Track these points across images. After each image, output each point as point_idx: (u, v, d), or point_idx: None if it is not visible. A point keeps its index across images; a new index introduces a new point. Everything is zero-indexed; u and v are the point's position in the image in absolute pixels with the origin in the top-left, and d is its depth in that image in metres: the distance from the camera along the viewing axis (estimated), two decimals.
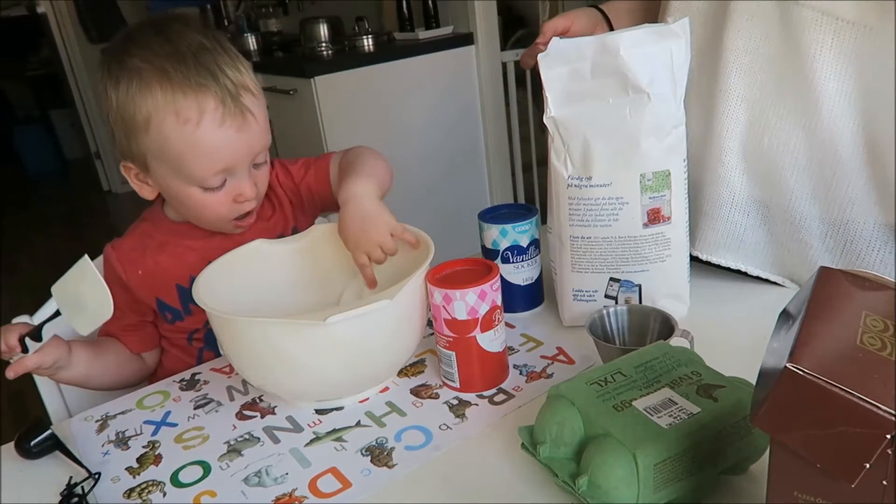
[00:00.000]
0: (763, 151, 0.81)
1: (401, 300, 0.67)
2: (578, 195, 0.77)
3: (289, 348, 0.67)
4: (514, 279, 0.86)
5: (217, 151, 0.79)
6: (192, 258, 0.88)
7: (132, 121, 0.78)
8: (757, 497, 0.54)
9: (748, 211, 0.85)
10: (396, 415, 0.71)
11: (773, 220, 0.85)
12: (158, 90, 0.76)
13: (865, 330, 0.42)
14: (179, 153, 0.78)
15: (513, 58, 2.66)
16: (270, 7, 3.52)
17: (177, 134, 0.77)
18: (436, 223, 1.32)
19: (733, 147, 0.82)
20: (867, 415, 0.36)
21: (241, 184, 0.83)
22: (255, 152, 0.83)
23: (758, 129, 0.80)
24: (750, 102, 0.80)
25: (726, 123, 0.82)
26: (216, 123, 0.77)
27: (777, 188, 0.82)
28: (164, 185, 0.84)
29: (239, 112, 0.78)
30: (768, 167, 0.82)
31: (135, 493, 0.65)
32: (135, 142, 0.80)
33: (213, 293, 0.73)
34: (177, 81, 0.76)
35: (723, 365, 0.59)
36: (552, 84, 0.75)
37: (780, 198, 0.82)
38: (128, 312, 0.91)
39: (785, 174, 0.81)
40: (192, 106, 0.76)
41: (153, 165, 0.82)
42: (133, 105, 0.77)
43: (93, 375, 0.87)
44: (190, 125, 0.76)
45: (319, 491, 0.62)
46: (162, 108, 0.76)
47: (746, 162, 0.83)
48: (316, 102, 2.30)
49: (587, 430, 0.54)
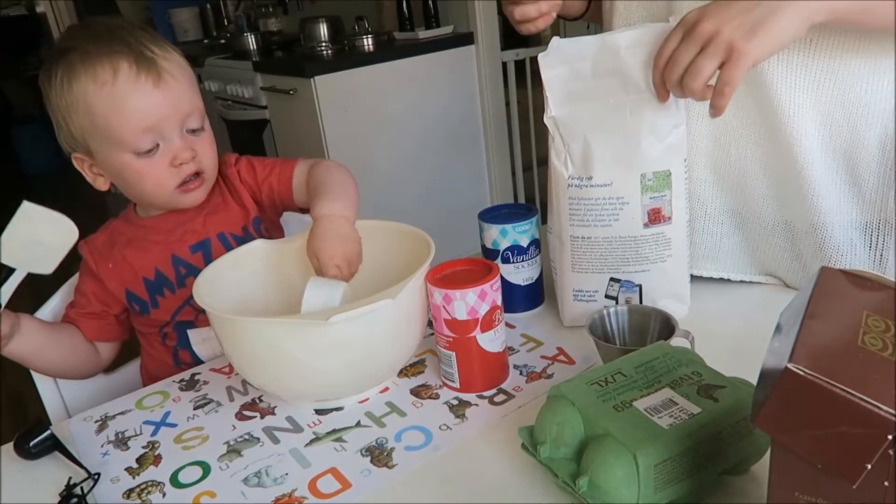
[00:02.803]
0: (731, 163, 0.83)
1: (402, 300, 0.67)
2: (579, 195, 0.77)
3: (290, 348, 0.67)
4: (514, 279, 0.86)
5: (137, 109, 0.82)
6: (156, 251, 0.92)
7: (66, 104, 0.83)
8: (758, 497, 0.54)
9: (722, 220, 0.87)
10: (396, 415, 0.71)
11: (746, 226, 0.87)
12: (80, 66, 0.81)
13: (867, 330, 0.42)
14: (105, 118, 0.82)
15: (513, 58, 2.66)
16: (270, 7, 3.52)
17: (98, 99, 0.81)
18: (436, 223, 1.32)
19: (700, 162, 0.84)
20: (868, 415, 0.36)
21: (173, 146, 0.85)
22: (184, 112, 0.85)
23: (723, 141, 0.82)
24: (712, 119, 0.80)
25: (690, 140, 0.81)
26: (131, 81, 0.81)
27: (747, 197, 0.84)
28: (109, 166, 0.86)
29: (154, 70, 0.82)
30: (736, 178, 0.84)
31: (134, 493, 0.64)
32: (73, 125, 0.84)
33: (213, 293, 0.73)
34: (94, 54, 0.81)
35: (723, 365, 0.59)
36: (552, 84, 0.75)
37: (751, 205, 0.85)
38: (93, 300, 0.93)
39: (754, 183, 0.83)
40: (107, 68, 0.81)
41: (93, 146, 0.85)
42: (63, 87, 0.82)
43: (43, 353, 0.88)
44: (107, 86, 0.81)
45: (319, 491, 0.62)
46: (83, 80, 0.81)
47: (715, 174, 0.85)
48: (316, 102, 2.30)
49: (587, 431, 0.54)
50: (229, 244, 0.92)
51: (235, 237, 0.93)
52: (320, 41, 2.64)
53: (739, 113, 0.80)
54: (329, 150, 2.35)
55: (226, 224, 0.94)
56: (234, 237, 0.93)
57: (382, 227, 0.85)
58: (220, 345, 0.74)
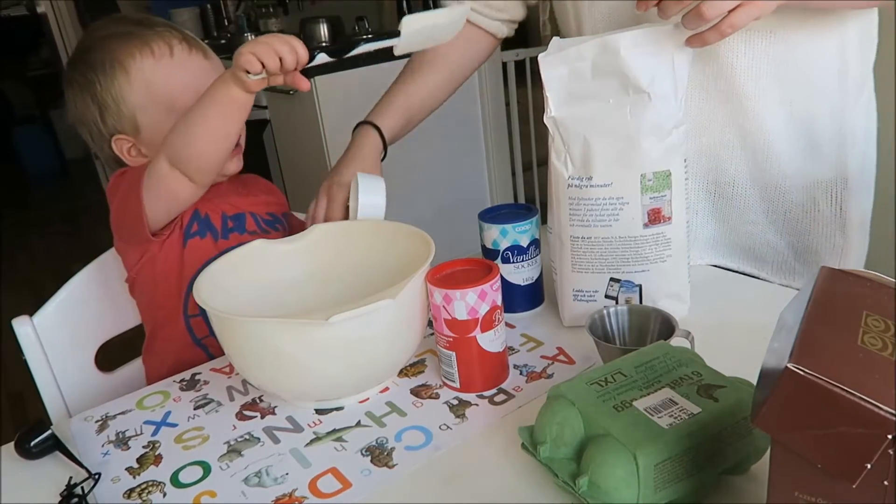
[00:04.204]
0: (702, 151, 0.91)
1: (402, 299, 0.67)
2: (579, 195, 0.77)
3: (290, 348, 0.67)
4: (514, 279, 0.86)
5: (195, 76, 0.89)
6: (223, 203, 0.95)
7: (118, 85, 0.88)
8: (758, 497, 0.54)
9: (697, 209, 0.96)
10: (397, 415, 0.71)
11: (720, 211, 0.95)
12: (132, 47, 0.88)
13: (867, 330, 0.42)
14: (166, 87, 0.89)
15: (513, 58, 2.66)
16: (270, 7, 3.52)
17: (157, 70, 0.88)
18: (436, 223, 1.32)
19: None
20: (868, 415, 0.36)
21: None
22: None
23: (694, 131, 0.88)
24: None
25: None
26: (185, 53, 0.90)
27: (720, 182, 0.93)
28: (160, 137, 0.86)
29: (200, 45, 0.92)
30: (709, 165, 0.93)
31: (135, 493, 0.64)
32: (126, 104, 0.89)
33: (213, 293, 0.73)
34: (140, 35, 0.89)
35: (723, 365, 0.59)
36: (552, 84, 0.75)
37: (724, 189, 0.94)
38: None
39: (725, 167, 0.92)
40: (162, 45, 0.89)
41: (143, 120, 0.89)
42: (115, 70, 0.88)
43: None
44: (165, 58, 0.89)
45: (319, 491, 0.62)
46: (139, 58, 0.88)
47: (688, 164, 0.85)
48: (316, 102, 2.30)
49: (587, 431, 0.54)
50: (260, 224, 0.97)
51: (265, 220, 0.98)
52: (320, 41, 2.64)
53: (707, 104, 0.88)
54: (329, 150, 2.35)
55: (255, 206, 0.98)
56: (264, 219, 0.98)
57: (382, 227, 0.85)
58: (221, 345, 0.75)
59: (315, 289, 0.85)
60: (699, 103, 0.88)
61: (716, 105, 0.88)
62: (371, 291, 0.67)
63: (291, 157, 2.65)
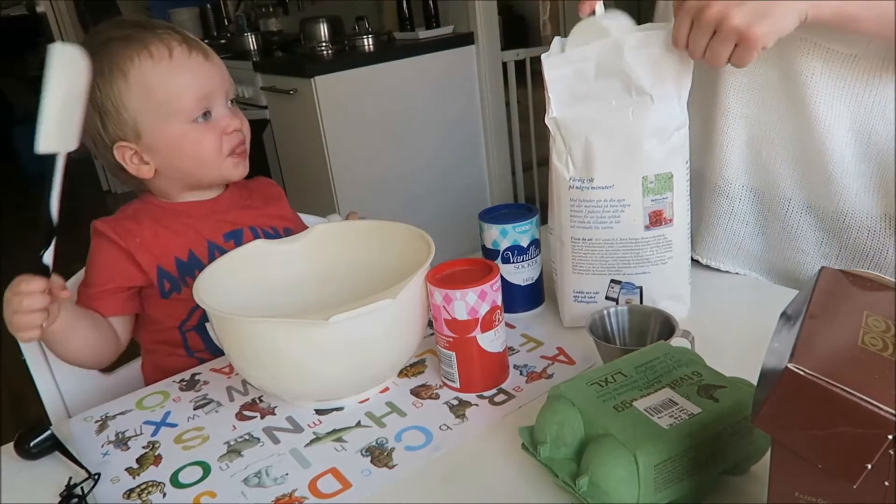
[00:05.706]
0: (761, 164, 0.86)
1: (402, 300, 0.67)
2: (580, 197, 0.77)
3: (290, 348, 0.67)
4: (514, 279, 0.86)
5: (194, 79, 0.89)
6: (191, 235, 0.93)
7: (118, 90, 0.87)
8: (758, 498, 0.54)
9: (747, 221, 0.91)
10: (397, 415, 0.71)
11: (770, 230, 0.90)
12: (130, 51, 0.86)
13: (867, 330, 0.42)
14: (165, 91, 0.87)
15: (513, 58, 2.66)
16: (270, 7, 3.52)
17: (156, 74, 0.87)
18: (436, 223, 1.32)
19: (732, 161, 0.87)
20: (869, 415, 0.36)
21: (223, 115, 0.91)
22: (228, 84, 0.92)
23: (756, 143, 0.85)
24: (748, 119, 0.84)
25: (726, 139, 0.86)
26: (185, 55, 0.89)
27: (774, 199, 0.87)
28: (165, 141, 0.89)
29: (200, 47, 0.91)
30: (765, 179, 0.87)
31: (135, 493, 0.64)
32: (127, 109, 0.87)
33: (213, 293, 0.73)
34: (139, 38, 0.87)
35: (723, 365, 0.59)
36: (555, 85, 0.75)
37: (778, 208, 0.87)
38: (116, 275, 0.91)
39: (782, 185, 0.86)
40: (161, 47, 0.87)
41: (145, 126, 0.88)
42: (115, 74, 0.86)
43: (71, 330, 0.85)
44: (164, 61, 0.87)
45: (319, 491, 0.62)
46: (137, 61, 0.86)
47: (745, 175, 0.88)
48: (316, 102, 2.30)
49: (587, 431, 0.54)
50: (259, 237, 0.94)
51: (266, 232, 0.97)
52: (320, 41, 2.64)
53: (774, 118, 0.83)
54: (329, 150, 2.35)
55: (256, 219, 0.97)
56: (265, 232, 0.97)
57: (382, 227, 0.85)
58: (221, 344, 0.75)
59: (315, 289, 0.85)
60: (767, 115, 0.83)
61: (783, 121, 0.82)
62: (371, 291, 0.67)
63: (291, 157, 2.65)
